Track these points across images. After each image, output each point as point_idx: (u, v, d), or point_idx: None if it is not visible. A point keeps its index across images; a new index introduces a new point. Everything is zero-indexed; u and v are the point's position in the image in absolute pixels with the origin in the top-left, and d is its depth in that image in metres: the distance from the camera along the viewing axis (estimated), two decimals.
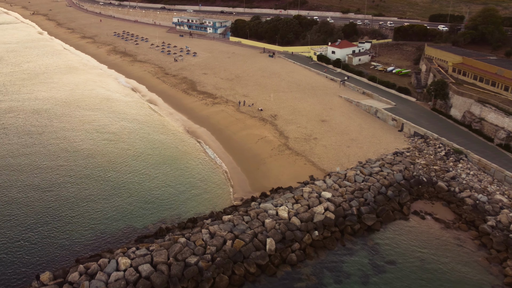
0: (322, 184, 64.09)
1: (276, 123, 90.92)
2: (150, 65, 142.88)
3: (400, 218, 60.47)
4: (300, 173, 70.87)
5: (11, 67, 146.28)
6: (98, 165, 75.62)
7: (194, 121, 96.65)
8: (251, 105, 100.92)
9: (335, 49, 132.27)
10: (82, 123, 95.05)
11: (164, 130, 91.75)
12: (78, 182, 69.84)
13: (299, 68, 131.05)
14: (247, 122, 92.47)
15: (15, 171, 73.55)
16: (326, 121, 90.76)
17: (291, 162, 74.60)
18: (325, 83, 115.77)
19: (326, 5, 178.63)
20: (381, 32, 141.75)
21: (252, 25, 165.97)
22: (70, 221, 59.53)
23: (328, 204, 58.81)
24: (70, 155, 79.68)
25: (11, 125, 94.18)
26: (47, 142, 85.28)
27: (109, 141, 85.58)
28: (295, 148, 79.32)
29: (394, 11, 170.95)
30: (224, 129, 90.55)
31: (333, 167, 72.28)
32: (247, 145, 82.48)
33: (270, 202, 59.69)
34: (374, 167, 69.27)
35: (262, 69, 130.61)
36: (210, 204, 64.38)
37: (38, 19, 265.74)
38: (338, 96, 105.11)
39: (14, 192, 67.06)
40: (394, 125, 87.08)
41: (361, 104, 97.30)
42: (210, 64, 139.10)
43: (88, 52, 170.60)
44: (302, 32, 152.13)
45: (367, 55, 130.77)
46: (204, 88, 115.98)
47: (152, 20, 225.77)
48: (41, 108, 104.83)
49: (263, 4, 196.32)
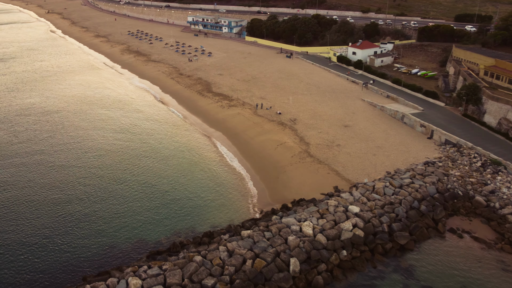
0: (349, 197, 59.08)
1: (295, 127, 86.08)
2: (164, 65, 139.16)
3: (435, 236, 55.17)
4: (324, 184, 65.94)
5: (23, 66, 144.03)
6: (106, 172, 71.73)
7: (209, 124, 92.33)
8: (269, 108, 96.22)
9: (356, 50, 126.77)
10: (93, 126, 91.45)
11: (177, 134, 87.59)
12: (85, 191, 65.97)
13: (318, 69, 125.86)
14: (265, 126, 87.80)
15: (13, 185, 70.10)
16: (349, 126, 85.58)
17: (313, 171, 69.69)
18: (346, 86, 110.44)
19: (345, 4, 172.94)
20: (404, 33, 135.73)
21: (269, 25, 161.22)
22: (77, 233, 55.58)
23: (357, 220, 53.80)
24: (77, 160, 75.97)
25: (20, 126, 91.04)
26: (53, 146, 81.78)
27: (119, 146, 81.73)
28: (317, 155, 74.38)
29: (417, 10, 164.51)
30: (241, 134, 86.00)
31: (359, 177, 67.17)
32: (266, 151, 77.81)
33: (293, 216, 54.92)
34: (404, 178, 63.96)
35: (280, 70, 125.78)
36: (227, 216, 59.89)
37: (53, 17, 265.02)
38: (361, 100, 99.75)
39: (14, 200, 63.54)
40: (423, 131, 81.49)
41: (386, 109, 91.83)
42: (225, 65, 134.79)
43: (102, 51, 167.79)
44: (321, 32, 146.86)
45: (390, 57, 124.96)
46: (219, 89, 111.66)
47: (166, 19, 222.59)
48: (51, 109, 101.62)
49: (279, 3, 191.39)
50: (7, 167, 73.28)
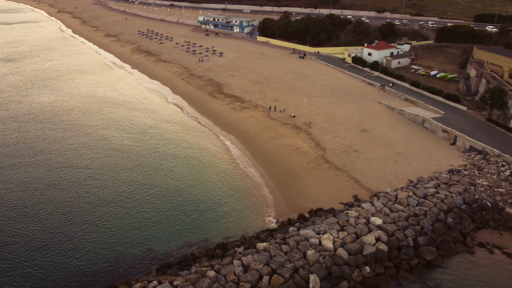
0: (370, 207, 55.68)
1: (311, 131, 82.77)
2: (174, 65, 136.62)
3: (464, 251, 51.57)
4: (342, 192, 62.59)
5: (33, 65, 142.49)
6: (114, 177, 69.06)
7: (221, 127, 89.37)
8: (283, 111, 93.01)
9: (371, 51, 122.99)
10: (101, 129, 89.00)
11: (188, 137, 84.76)
12: (92, 197, 63.34)
13: (333, 70, 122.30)
14: (279, 130, 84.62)
15: (15, 190, 67.75)
16: (367, 130, 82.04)
17: (331, 178, 66.35)
18: (362, 88, 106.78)
19: (359, 3, 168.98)
20: (421, 33, 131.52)
21: (281, 25, 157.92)
22: (82, 243, 52.87)
23: (380, 233, 50.39)
24: (84, 164, 73.44)
25: (28, 127, 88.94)
26: (60, 149, 79.41)
27: (127, 149, 79.11)
28: (334, 161, 71.01)
29: (434, 10, 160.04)
30: (254, 138, 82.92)
31: (379, 185, 63.70)
32: (280, 157, 74.62)
33: (311, 228, 51.67)
34: (428, 187, 60.32)
35: (293, 71, 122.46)
36: (241, 225, 56.82)
37: (64, 16, 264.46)
38: (378, 103, 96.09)
39: (17, 206, 61.13)
40: (445, 137, 77.70)
41: (405, 112, 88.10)
42: (237, 65, 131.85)
43: (112, 51, 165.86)
44: (335, 32, 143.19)
45: (407, 58, 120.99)
46: (231, 91, 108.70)
47: (176, 19, 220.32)
48: (60, 110, 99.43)
49: (292, 2, 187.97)
50: (9, 169, 71.08)
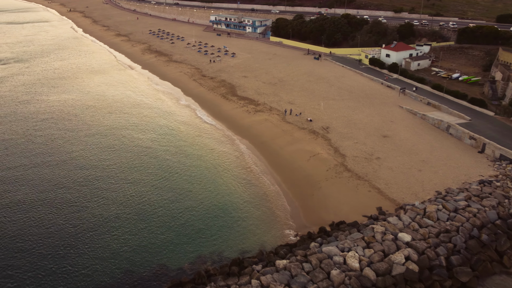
0: (397, 222, 51.70)
1: (329, 137, 78.90)
2: (186, 65, 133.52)
3: (501, 272, 47.41)
4: (365, 204, 58.66)
5: (43, 65, 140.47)
6: (122, 184, 65.93)
7: (234, 131, 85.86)
8: (299, 115, 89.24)
9: (390, 52, 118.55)
10: (109, 132, 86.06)
11: (201, 142, 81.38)
12: (98, 206, 60.20)
13: (349, 72, 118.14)
14: (296, 134, 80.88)
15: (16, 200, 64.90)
16: (388, 136, 77.91)
17: (352, 188, 62.44)
18: (381, 91, 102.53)
19: (375, 3, 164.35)
20: (442, 34, 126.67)
21: (295, 25, 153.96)
22: (89, 258, 49.71)
23: (409, 251, 46.41)
24: (90, 170, 70.42)
25: (36, 129, 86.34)
26: (69, 153, 76.59)
27: (136, 154, 75.91)
28: (355, 169, 67.07)
29: (453, 10, 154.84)
30: (269, 142, 79.27)
31: (405, 196, 59.66)
32: (298, 163, 70.86)
33: (335, 244, 47.91)
34: (458, 200, 56.10)
35: (308, 72, 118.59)
36: (258, 239, 53.24)
37: (75, 16, 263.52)
38: (399, 107, 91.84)
39: (19, 218, 58.22)
40: (472, 144, 73.28)
41: (428, 117, 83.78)
42: (250, 66, 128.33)
43: (122, 50, 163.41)
44: (351, 32, 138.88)
45: (427, 60, 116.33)
46: (244, 93, 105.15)
47: (185, 18, 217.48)
48: (69, 112, 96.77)
49: (305, 2, 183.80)
50: (11, 178, 68.38)
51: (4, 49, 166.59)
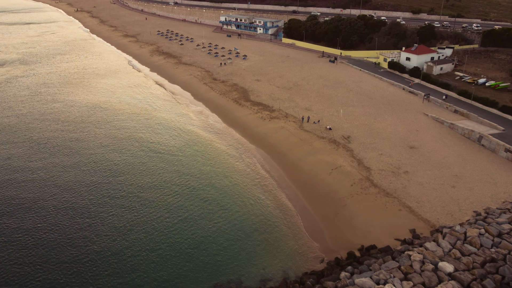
0: (436, 248, 46.24)
1: (351, 147, 73.54)
2: (196, 68, 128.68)
3: None
4: (396, 224, 53.31)
5: (48, 67, 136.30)
6: (126, 200, 61.10)
7: (249, 139, 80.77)
8: (317, 122, 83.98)
9: (410, 55, 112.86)
10: (115, 140, 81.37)
11: (213, 152, 76.36)
12: (103, 226, 55.37)
13: (368, 76, 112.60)
14: (315, 144, 75.62)
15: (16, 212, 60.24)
16: (415, 147, 72.37)
17: (381, 206, 57.06)
18: (403, 97, 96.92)
19: (392, 4, 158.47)
20: (465, 36, 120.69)
21: (309, 26, 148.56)
22: (91, 283, 44.90)
23: (453, 284, 40.94)
24: (94, 184, 65.69)
25: (39, 137, 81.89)
26: (70, 164, 71.95)
27: (142, 166, 71.03)
28: (382, 185, 61.67)
29: (474, 11, 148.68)
30: (287, 153, 74.07)
31: (440, 216, 54.23)
32: (319, 177, 65.59)
33: (368, 275, 42.55)
34: (501, 223, 50.48)
35: (324, 76, 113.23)
36: (280, 265, 48.08)
37: (82, 16, 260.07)
38: (423, 114, 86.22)
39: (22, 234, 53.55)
40: (509, 158, 67.54)
41: (457, 127, 78.11)
42: (262, 69, 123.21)
43: (130, 52, 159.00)
44: (368, 34, 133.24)
45: (450, 64, 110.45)
46: (258, 98, 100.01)
47: (194, 19, 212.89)
48: (73, 118, 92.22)
49: (319, 2, 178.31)
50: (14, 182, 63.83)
51: (10, 50, 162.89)
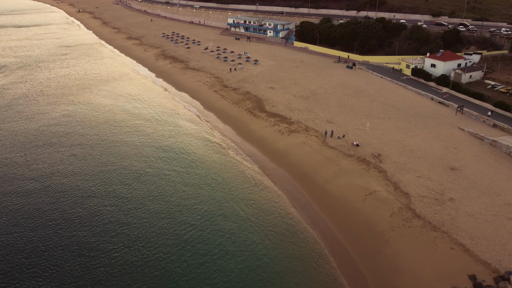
0: None
1: (383, 167, 65.58)
2: (204, 74, 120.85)
3: None
4: (451, 267, 45.34)
5: (47, 72, 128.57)
6: (137, 225, 53.31)
7: (268, 156, 72.88)
8: (342, 137, 76.09)
9: (436, 62, 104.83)
10: (119, 157, 73.60)
11: (228, 171, 68.42)
12: (109, 251, 47.60)
13: (390, 84, 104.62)
14: (342, 163, 67.68)
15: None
16: (456, 169, 64.37)
17: (429, 244, 49.08)
18: (432, 108, 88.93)
19: (409, 6, 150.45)
20: (493, 41, 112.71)
21: (322, 29, 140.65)
22: None
23: None
24: (97, 207, 57.92)
25: (37, 153, 74.19)
26: (70, 181, 64.18)
27: (150, 187, 63.27)
28: (427, 216, 53.70)
29: (497, 14, 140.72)
30: (311, 174, 66.10)
31: (502, 258, 46.24)
32: (351, 204, 57.65)
33: None
34: None
35: (343, 84, 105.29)
36: None
37: (84, 17, 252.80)
38: (458, 129, 78.25)
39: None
40: None
41: (500, 144, 70.16)
42: (276, 76, 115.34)
43: (134, 55, 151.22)
44: (387, 38, 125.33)
45: (479, 71, 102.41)
46: (274, 108, 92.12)
47: (199, 20, 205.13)
48: (73, 131, 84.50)
49: (331, 4, 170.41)
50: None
51: (8, 53, 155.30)
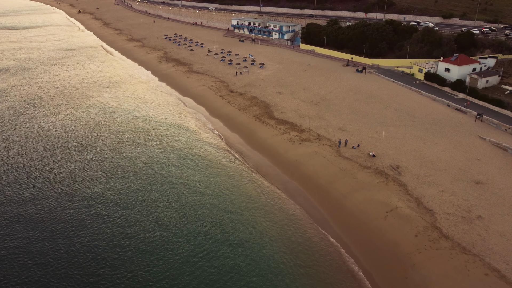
0: None
1: (403, 181, 61.62)
2: (209, 78, 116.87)
3: None
4: None
5: (46, 76, 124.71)
6: (143, 243, 49.41)
7: (280, 168, 68.85)
8: (356, 147, 72.13)
9: (450, 66, 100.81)
10: (119, 170, 69.66)
11: (240, 185, 64.49)
12: (112, 269, 43.75)
13: (403, 89, 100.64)
14: (359, 176, 63.69)
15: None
16: (481, 183, 60.37)
17: (461, 269, 45.10)
18: (449, 115, 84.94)
19: (419, 7, 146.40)
20: (509, 45, 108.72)
21: (330, 31, 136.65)
22: None
23: None
24: (98, 221, 54.00)
25: (33, 163, 70.29)
26: (67, 199, 60.27)
27: (157, 204, 59.37)
28: (455, 236, 49.71)
29: (509, 16, 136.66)
30: (327, 187, 62.12)
31: None
32: (372, 222, 53.69)
33: None
34: None
35: (354, 89, 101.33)
36: None
37: (84, 18, 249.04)
38: (479, 138, 74.30)
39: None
40: None
41: None
42: (283, 80, 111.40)
43: (136, 58, 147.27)
44: (397, 41, 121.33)
45: (496, 76, 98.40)
46: (283, 114, 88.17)
47: (201, 22, 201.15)
48: (72, 139, 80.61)
49: (337, 5, 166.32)
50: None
51: (6, 56, 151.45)
